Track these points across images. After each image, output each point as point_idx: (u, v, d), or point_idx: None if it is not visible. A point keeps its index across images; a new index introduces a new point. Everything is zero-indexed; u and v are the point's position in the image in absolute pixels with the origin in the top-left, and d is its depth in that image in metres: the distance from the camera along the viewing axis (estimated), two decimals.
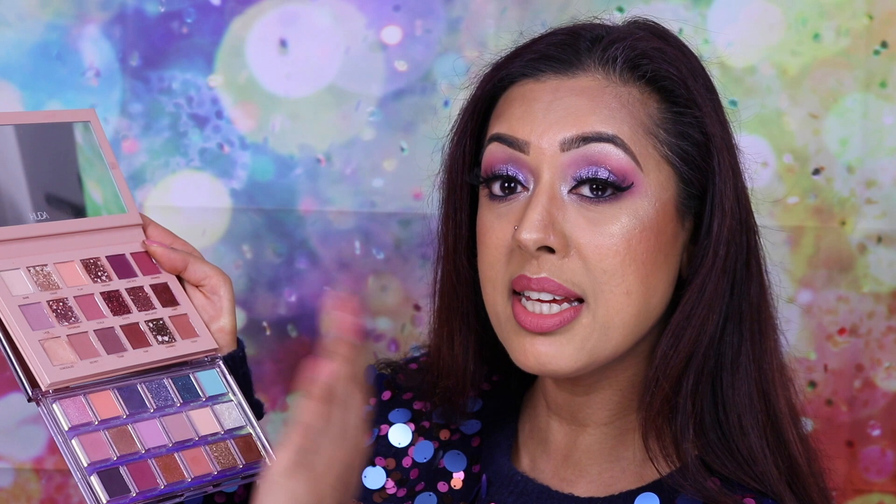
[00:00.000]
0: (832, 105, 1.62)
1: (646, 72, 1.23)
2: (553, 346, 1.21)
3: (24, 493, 1.65)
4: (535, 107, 1.22)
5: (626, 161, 1.20)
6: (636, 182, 1.20)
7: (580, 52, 1.24)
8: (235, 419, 1.24)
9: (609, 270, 1.20)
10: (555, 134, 1.21)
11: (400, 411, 1.37)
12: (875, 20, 1.61)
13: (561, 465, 1.29)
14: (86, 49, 1.64)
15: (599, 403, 1.27)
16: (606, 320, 1.21)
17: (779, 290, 1.63)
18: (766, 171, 1.63)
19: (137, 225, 1.28)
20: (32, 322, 1.17)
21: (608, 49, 1.24)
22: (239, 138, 1.65)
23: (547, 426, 1.30)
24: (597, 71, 1.23)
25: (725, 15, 1.62)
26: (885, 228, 1.62)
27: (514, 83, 1.25)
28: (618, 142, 1.21)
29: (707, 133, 1.24)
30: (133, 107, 1.64)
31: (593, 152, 1.20)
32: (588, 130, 1.21)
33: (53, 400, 1.15)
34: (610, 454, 1.28)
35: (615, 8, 1.62)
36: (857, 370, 1.64)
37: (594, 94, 1.22)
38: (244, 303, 1.65)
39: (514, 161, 1.22)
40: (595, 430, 1.28)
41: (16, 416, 1.65)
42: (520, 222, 1.20)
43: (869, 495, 1.64)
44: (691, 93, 1.24)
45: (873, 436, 1.64)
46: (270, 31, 1.64)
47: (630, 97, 1.23)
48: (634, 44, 1.24)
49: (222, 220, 1.65)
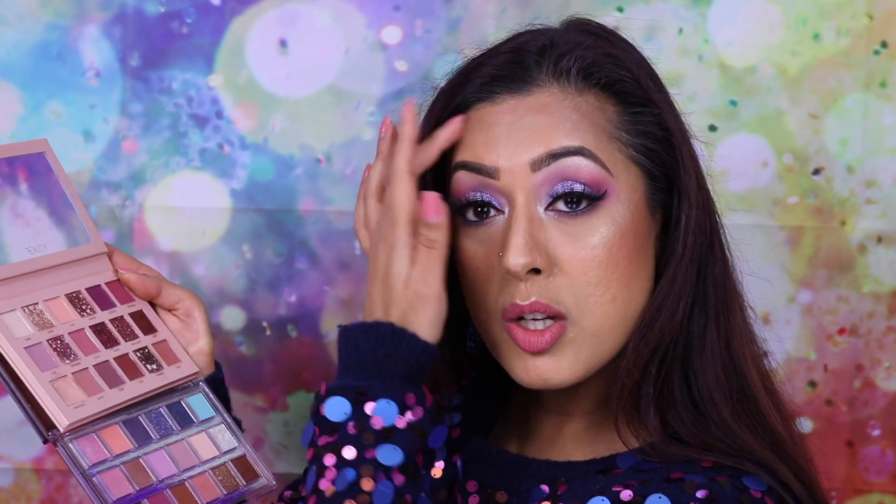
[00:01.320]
0: (832, 105, 1.62)
1: (599, 79, 1.24)
2: (552, 362, 1.23)
3: (24, 493, 1.65)
4: (496, 130, 1.23)
5: (596, 170, 1.21)
6: (609, 189, 1.22)
7: (531, 68, 1.24)
8: (228, 441, 1.26)
9: (593, 282, 1.21)
10: (522, 155, 1.21)
11: None
12: (875, 20, 1.61)
13: (545, 449, 1.31)
14: (86, 49, 1.64)
15: (586, 394, 1.29)
16: (596, 329, 1.22)
17: (779, 290, 1.64)
18: (766, 171, 1.63)
19: (104, 253, 1.28)
20: (40, 363, 1.17)
21: (560, 62, 1.24)
22: (239, 138, 1.65)
23: (534, 417, 1.32)
24: (552, 85, 1.24)
25: (725, 15, 1.62)
26: (885, 228, 1.62)
27: (469, 108, 1.25)
28: (586, 153, 1.21)
29: (667, 128, 1.25)
30: (133, 107, 1.64)
31: (564, 167, 1.21)
32: (555, 147, 1.21)
33: (71, 440, 1.16)
34: (595, 439, 1.30)
35: (615, 8, 1.62)
36: (857, 370, 1.64)
37: (553, 109, 1.23)
38: (244, 303, 1.65)
39: (485, 187, 1.23)
40: (581, 418, 1.30)
41: (16, 416, 1.64)
42: (504, 249, 1.21)
43: (869, 495, 1.64)
44: (646, 92, 1.25)
45: (873, 436, 1.64)
46: (270, 31, 1.64)
47: (588, 106, 1.23)
48: (584, 53, 1.24)
49: (222, 220, 1.65)
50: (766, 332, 1.62)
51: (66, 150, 1.63)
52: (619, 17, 1.62)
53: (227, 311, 1.66)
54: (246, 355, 1.66)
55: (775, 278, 1.63)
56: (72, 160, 1.64)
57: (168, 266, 1.65)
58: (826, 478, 1.63)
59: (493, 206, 1.23)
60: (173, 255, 1.65)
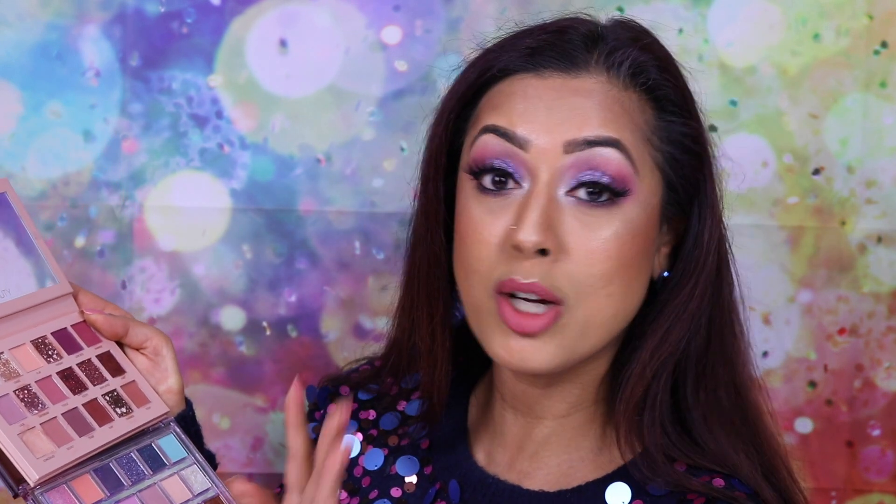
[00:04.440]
0: (832, 105, 1.62)
1: (646, 80, 1.24)
2: (535, 345, 1.22)
3: None
4: (536, 104, 1.22)
5: (626, 166, 1.21)
6: (632, 187, 1.22)
7: (582, 51, 1.24)
8: (201, 482, 1.23)
9: (597, 274, 1.21)
10: (559, 135, 1.21)
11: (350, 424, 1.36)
12: (875, 20, 1.61)
13: (516, 456, 1.30)
14: (86, 49, 1.64)
15: (558, 396, 1.28)
16: (586, 321, 1.22)
17: (779, 290, 1.64)
18: (766, 171, 1.63)
19: (69, 294, 1.25)
20: (7, 416, 1.14)
21: (613, 54, 1.24)
22: (239, 138, 1.65)
23: (501, 418, 1.31)
24: (600, 74, 1.24)
25: (725, 15, 1.62)
26: (885, 228, 1.62)
27: (512, 75, 1.25)
28: (620, 146, 1.21)
29: (700, 141, 1.26)
30: (133, 107, 1.64)
31: (596, 156, 1.21)
32: (593, 134, 1.21)
33: (41, 493, 1.13)
34: (568, 445, 1.29)
35: (615, 8, 1.62)
36: (857, 370, 1.64)
37: (598, 97, 1.23)
38: (244, 303, 1.65)
39: (511, 156, 1.22)
40: (552, 421, 1.29)
41: None
42: (518, 222, 1.20)
43: (869, 495, 1.64)
44: (688, 104, 1.27)
45: (873, 436, 1.64)
46: (270, 31, 1.64)
47: (630, 103, 1.23)
48: (637, 53, 1.25)
49: (222, 220, 1.65)
50: (766, 332, 1.63)
51: (66, 150, 1.63)
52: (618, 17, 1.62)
53: (227, 311, 1.66)
54: (246, 355, 1.66)
55: (775, 278, 1.63)
56: (72, 160, 1.64)
57: (168, 266, 1.65)
58: (826, 478, 1.63)
59: (513, 179, 1.22)
60: (173, 255, 1.65)
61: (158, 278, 1.65)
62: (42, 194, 1.64)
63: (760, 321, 1.63)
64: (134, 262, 1.64)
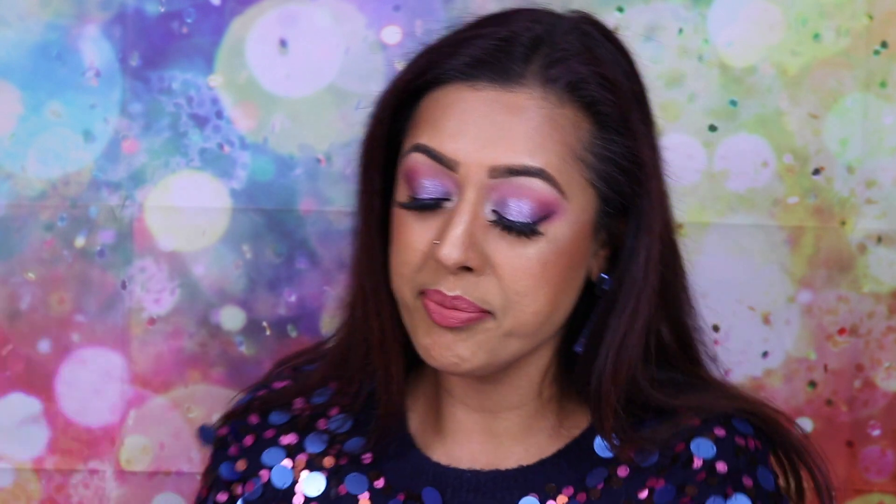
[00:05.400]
0: (832, 105, 1.62)
1: (584, 96, 1.23)
2: (458, 339, 1.22)
3: (24, 493, 1.65)
4: (467, 120, 1.21)
5: (550, 193, 1.21)
6: (557, 210, 1.21)
7: (518, 62, 1.22)
8: None
9: (522, 291, 1.22)
10: (486, 158, 1.21)
11: (271, 451, 1.34)
12: (875, 20, 1.61)
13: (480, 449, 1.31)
14: (86, 49, 1.64)
15: (509, 390, 1.29)
16: (511, 330, 1.23)
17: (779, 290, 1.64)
18: (766, 171, 1.63)
19: None
20: None
21: (553, 66, 1.22)
22: (239, 138, 1.65)
23: (453, 416, 1.31)
24: (534, 89, 1.22)
25: (725, 15, 1.62)
26: (885, 228, 1.62)
27: (447, 84, 1.24)
28: (545, 175, 1.21)
29: (639, 161, 1.24)
30: (133, 107, 1.64)
31: (520, 185, 1.20)
32: (517, 163, 1.20)
33: None
34: (529, 429, 1.30)
35: (615, 8, 1.62)
36: (857, 370, 1.64)
37: (530, 115, 1.21)
38: (244, 303, 1.65)
39: (440, 175, 1.22)
40: (509, 413, 1.30)
41: (16, 416, 1.65)
42: (442, 238, 1.20)
43: (869, 495, 1.64)
44: (627, 120, 1.24)
45: (873, 436, 1.64)
46: (270, 31, 1.64)
47: (564, 120, 1.22)
48: (577, 67, 1.22)
49: (222, 220, 1.65)
50: (766, 332, 1.63)
51: (66, 150, 1.63)
52: (619, 17, 1.62)
53: (227, 311, 1.66)
54: (246, 355, 1.66)
55: (775, 278, 1.63)
56: (72, 160, 1.64)
57: (168, 266, 1.65)
58: None
59: (438, 196, 1.23)
60: (173, 255, 1.65)
61: (158, 278, 1.65)
62: (42, 194, 1.64)
63: (760, 321, 1.63)
64: (134, 262, 1.64)
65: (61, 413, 1.65)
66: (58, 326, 1.64)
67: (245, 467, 1.34)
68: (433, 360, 1.24)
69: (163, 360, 1.65)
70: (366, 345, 1.31)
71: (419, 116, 1.25)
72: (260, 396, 1.39)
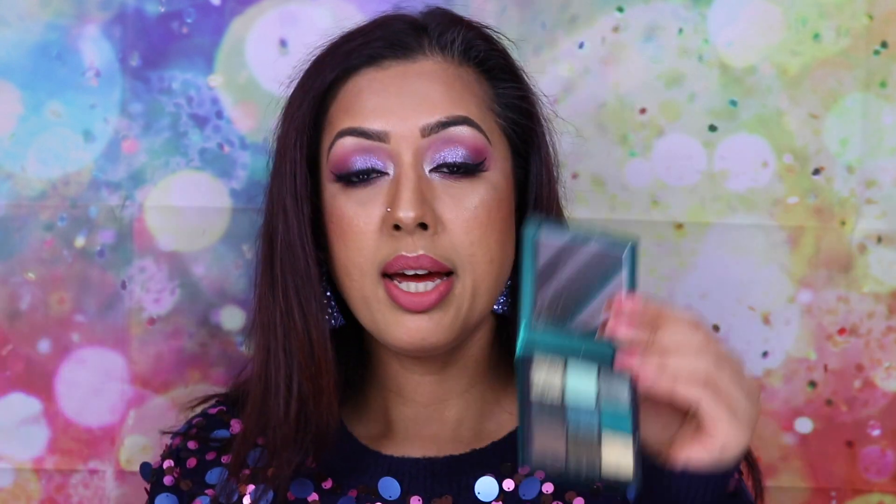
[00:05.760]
0: (832, 105, 1.62)
1: (477, 54, 1.31)
2: (432, 321, 1.25)
3: (24, 493, 1.65)
4: (384, 95, 1.28)
5: (479, 139, 1.27)
6: (488, 156, 1.27)
7: (414, 38, 1.31)
8: None
9: (475, 242, 1.25)
10: (414, 120, 1.27)
11: (214, 471, 1.35)
12: (875, 20, 1.61)
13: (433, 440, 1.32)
14: (86, 49, 1.64)
15: (456, 376, 1.32)
16: (475, 288, 1.26)
17: (779, 290, 1.64)
18: (766, 171, 1.63)
19: None
20: None
21: (444, 34, 1.31)
22: (239, 138, 1.65)
23: (401, 414, 1.33)
24: (435, 55, 1.30)
25: (725, 15, 1.62)
26: (885, 228, 1.62)
27: (354, 74, 1.30)
28: (471, 122, 1.27)
29: (530, 101, 1.33)
30: (133, 107, 1.64)
31: (452, 135, 1.26)
32: (444, 115, 1.27)
33: None
34: (480, 414, 1.33)
35: (615, 8, 1.62)
36: (857, 370, 1.64)
37: (439, 77, 1.29)
38: (244, 303, 1.65)
39: (371, 151, 1.27)
40: (458, 399, 1.33)
41: (16, 416, 1.65)
42: (394, 202, 1.24)
43: (869, 495, 1.64)
44: (514, 69, 1.33)
45: (873, 436, 1.64)
46: (270, 31, 1.64)
47: (468, 76, 1.30)
48: (464, 31, 1.31)
49: (222, 220, 1.65)
50: (766, 332, 1.63)
51: (66, 150, 1.63)
52: (619, 17, 1.62)
53: (227, 311, 1.66)
54: (246, 355, 1.66)
55: (775, 278, 1.63)
56: (72, 160, 1.64)
57: (168, 266, 1.65)
58: (826, 478, 1.63)
59: (377, 170, 1.27)
60: (173, 255, 1.65)
61: (158, 278, 1.65)
62: (42, 194, 1.64)
63: (760, 321, 1.63)
64: (134, 262, 1.64)
65: (61, 413, 1.65)
66: (58, 326, 1.64)
67: (189, 488, 1.36)
68: (408, 345, 1.26)
69: (163, 360, 1.65)
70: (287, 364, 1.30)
71: (333, 113, 1.30)
72: (196, 423, 1.41)
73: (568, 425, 1.09)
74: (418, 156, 1.26)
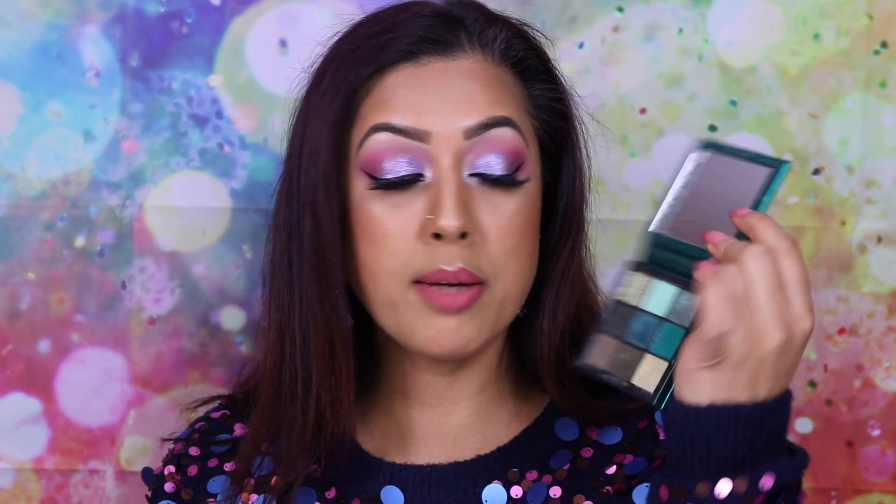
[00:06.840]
0: (832, 105, 1.62)
1: (516, 53, 1.26)
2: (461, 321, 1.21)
3: (24, 493, 1.65)
4: (423, 92, 1.22)
5: (520, 142, 1.23)
6: (525, 160, 1.23)
7: (452, 34, 1.25)
8: None
9: (509, 251, 1.22)
10: (456, 122, 1.21)
11: (216, 480, 1.33)
12: (875, 20, 1.61)
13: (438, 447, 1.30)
14: (86, 49, 1.64)
15: (469, 379, 1.29)
16: (504, 297, 1.23)
17: None
18: None
19: None
20: None
21: (484, 32, 1.25)
22: (239, 138, 1.65)
23: (407, 417, 1.30)
24: (475, 52, 1.25)
25: (725, 15, 1.62)
26: (885, 228, 1.62)
27: (390, 68, 1.23)
28: (512, 123, 1.23)
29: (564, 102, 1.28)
30: (133, 107, 1.64)
31: (493, 137, 1.22)
32: (489, 116, 1.22)
33: None
34: (488, 419, 1.30)
35: (615, 8, 1.62)
36: (857, 370, 1.64)
37: (480, 76, 1.24)
38: (244, 303, 1.65)
39: (408, 151, 1.21)
40: (468, 402, 1.30)
41: (16, 416, 1.65)
42: (436, 210, 1.19)
43: (869, 495, 1.64)
44: (551, 70, 1.28)
45: (873, 436, 1.64)
46: (270, 31, 1.64)
47: (506, 77, 1.25)
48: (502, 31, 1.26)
49: (222, 220, 1.65)
50: None
51: (66, 150, 1.63)
52: (619, 17, 1.62)
53: (227, 311, 1.66)
54: (246, 355, 1.66)
55: None
56: (72, 160, 1.64)
57: (168, 266, 1.65)
58: (826, 478, 1.63)
59: (414, 171, 1.21)
60: (173, 255, 1.65)
61: (158, 278, 1.65)
62: (42, 194, 1.64)
63: None
64: (134, 262, 1.64)
65: (61, 413, 1.65)
66: (58, 326, 1.64)
67: (190, 497, 1.32)
68: (439, 348, 1.21)
69: (163, 360, 1.65)
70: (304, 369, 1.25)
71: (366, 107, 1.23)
72: (199, 428, 1.37)
73: (630, 327, 1.11)
74: (458, 159, 1.20)
